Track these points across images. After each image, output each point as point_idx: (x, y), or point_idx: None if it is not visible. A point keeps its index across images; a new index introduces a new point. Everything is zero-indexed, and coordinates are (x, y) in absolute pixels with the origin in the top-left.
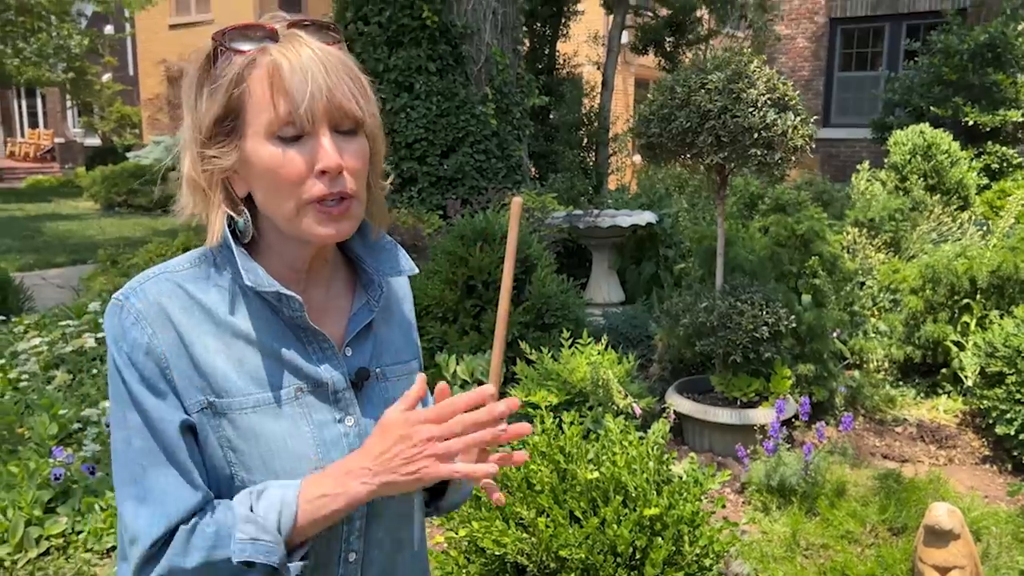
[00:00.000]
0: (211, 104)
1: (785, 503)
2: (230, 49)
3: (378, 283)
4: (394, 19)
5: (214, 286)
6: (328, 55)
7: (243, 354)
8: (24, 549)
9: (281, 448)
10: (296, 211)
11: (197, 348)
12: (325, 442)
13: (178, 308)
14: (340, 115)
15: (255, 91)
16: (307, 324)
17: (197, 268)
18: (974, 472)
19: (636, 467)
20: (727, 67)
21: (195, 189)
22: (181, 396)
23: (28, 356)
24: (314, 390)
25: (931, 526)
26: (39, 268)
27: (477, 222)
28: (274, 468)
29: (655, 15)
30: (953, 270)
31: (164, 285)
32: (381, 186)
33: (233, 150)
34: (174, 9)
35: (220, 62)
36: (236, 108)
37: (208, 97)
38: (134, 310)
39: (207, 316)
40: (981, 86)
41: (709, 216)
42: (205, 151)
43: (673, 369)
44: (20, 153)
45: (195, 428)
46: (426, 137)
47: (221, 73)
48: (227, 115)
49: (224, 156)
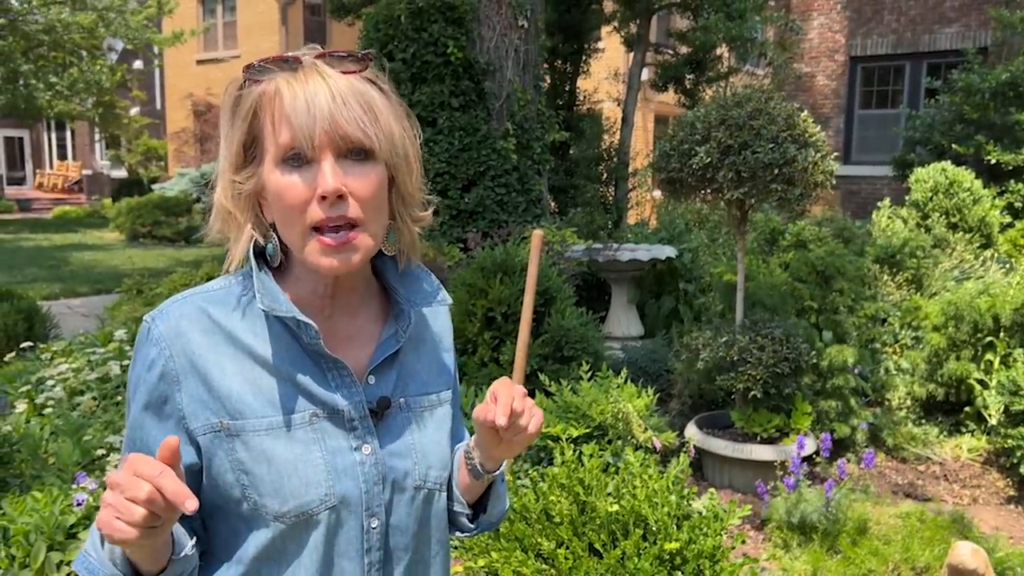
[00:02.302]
0: (235, 132)
1: (806, 540)
2: (253, 80)
3: (407, 313)
4: (418, 55)
5: (238, 309)
6: (340, 83)
7: (259, 377)
8: (45, 574)
9: (291, 472)
10: (301, 238)
11: (214, 371)
12: (337, 469)
13: (198, 331)
14: (345, 142)
15: (265, 120)
16: (324, 351)
17: (227, 291)
18: (999, 512)
19: (657, 500)
20: (747, 103)
21: (224, 214)
22: (187, 419)
23: (54, 382)
24: (330, 416)
25: (955, 566)
26: (65, 297)
27: (497, 254)
28: (284, 493)
29: (675, 53)
30: (976, 307)
31: (187, 308)
32: (414, 216)
33: (255, 176)
34: (202, 45)
35: (244, 92)
36: (255, 135)
37: (234, 126)
38: (156, 331)
39: (227, 339)
40: (1003, 125)
41: (729, 251)
42: (234, 177)
43: (693, 404)
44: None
45: (199, 466)
46: (448, 171)
47: (244, 103)
48: (249, 142)
49: (247, 181)
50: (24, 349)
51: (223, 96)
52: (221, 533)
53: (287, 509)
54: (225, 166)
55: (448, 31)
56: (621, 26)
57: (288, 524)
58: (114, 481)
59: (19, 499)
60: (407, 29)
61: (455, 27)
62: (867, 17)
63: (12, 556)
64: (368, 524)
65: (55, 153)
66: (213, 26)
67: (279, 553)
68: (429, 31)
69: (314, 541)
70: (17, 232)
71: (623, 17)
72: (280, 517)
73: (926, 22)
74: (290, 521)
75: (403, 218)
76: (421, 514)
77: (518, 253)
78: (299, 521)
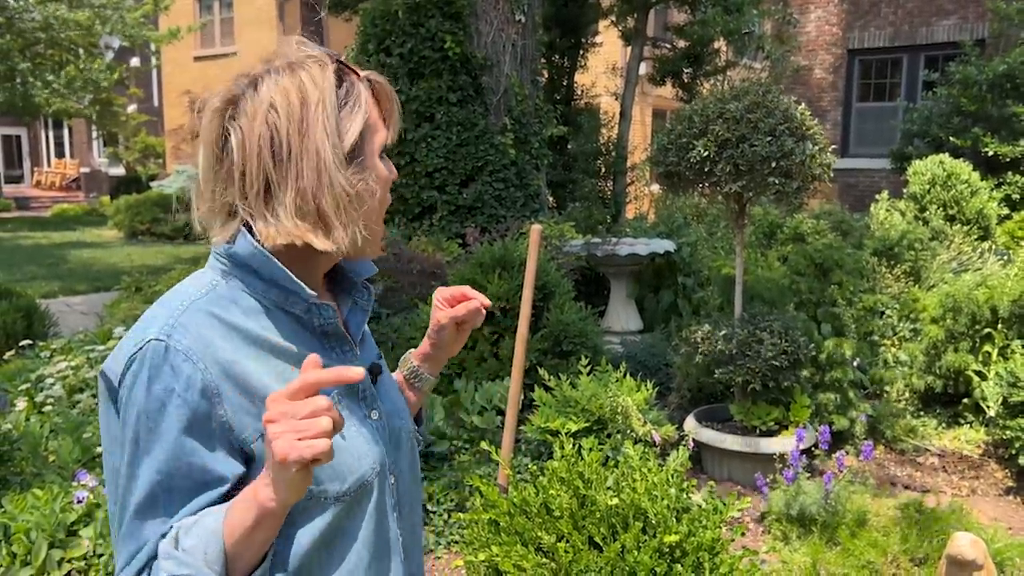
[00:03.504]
0: (353, 120)
1: (805, 532)
2: (349, 71)
3: (361, 284)
4: (416, 51)
5: (235, 306)
6: None
7: (284, 369)
8: (46, 571)
9: (343, 451)
10: (379, 225)
11: (244, 373)
12: (369, 437)
13: (219, 337)
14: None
15: (380, 112)
16: (338, 330)
17: (213, 291)
18: (997, 503)
19: (656, 494)
20: (745, 96)
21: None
22: (235, 431)
23: (54, 380)
24: (348, 391)
25: (954, 556)
26: (64, 295)
27: (496, 250)
28: (342, 472)
29: (673, 47)
30: (974, 299)
31: (199, 316)
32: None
33: (367, 168)
34: (199, 42)
35: (344, 81)
36: (364, 129)
37: (353, 114)
38: (183, 346)
39: (245, 338)
40: (1000, 117)
41: (727, 245)
42: (345, 171)
43: (692, 398)
44: (46, 182)
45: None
46: (446, 166)
47: (355, 93)
48: (363, 133)
49: (367, 174)
50: (23, 347)
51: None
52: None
53: (347, 486)
54: (331, 161)
55: (445, 26)
56: (619, 20)
57: (347, 502)
58: (278, 412)
59: (20, 497)
60: (404, 24)
61: (452, 22)
62: (864, 10)
63: (13, 554)
64: (390, 481)
65: (53, 151)
66: (210, 22)
67: (333, 536)
68: (426, 26)
69: (368, 510)
70: (15, 230)
71: (621, 11)
72: (341, 497)
73: (923, 14)
74: (351, 497)
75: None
76: (411, 459)
77: (516, 248)
78: (358, 494)
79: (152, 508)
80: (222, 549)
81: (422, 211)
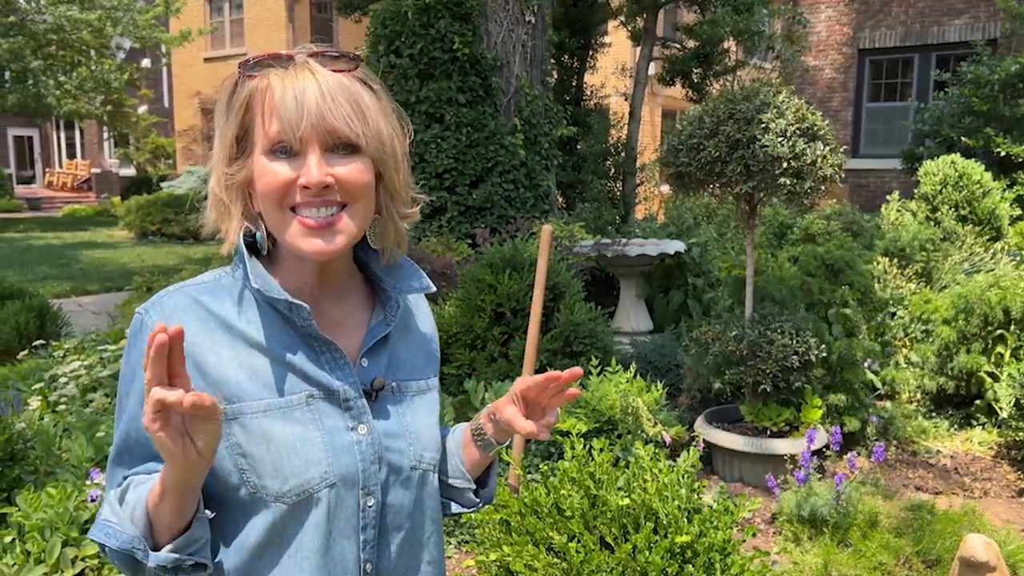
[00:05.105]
0: (229, 125)
1: (816, 534)
2: (246, 75)
3: (395, 300)
4: (426, 52)
5: (229, 297)
6: (330, 80)
7: (255, 361)
8: (60, 569)
9: (292, 452)
10: (283, 219)
11: (210, 359)
12: (335, 447)
13: (194, 319)
14: (332, 136)
15: (256, 113)
16: (317, 333)
17: (216, 282)
18: (1010, 505)
19: (667, 494)
20: (756, 97)
21: (217, 203)
22: None
23: (67, 380)
24: (326, 397)
25: (966, 558)
26: (75, 295)
27: (506, 250)
28: (284, 472)
29: (682, 47)
30: (986, 300)
31: (180, 299)
32: (401, 212)
33: (245, 168)
34: (210, 43)
35: (238, 87)
36: (247, 128)
37: (227, 119)
38: (151, 321)
39: (221, 326)
40: (1012, 117)
41: (738, 245)
42: (227, 168)
43: (702, 398)
44: (58, 183)
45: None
46: (456, 167)
47: (237, 97)
48: (241, 135)
49: (238, 172)
50: (36, 347)
51: (219, 91)
52: (218, 524)
53: (288, 488)
54: (219, 158)
55: (455, 27)
56: (628, 20)
57: (289, 504)
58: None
59: (34, 495)
60: (414, 25)
61: (462, 23)
62: (875, 9)
63: (27, 552)
64: (364, 503)
65: (64, 152)
66: (220, 24)
67: (279, 536)
68: (436, 27)
69: (314, 520)
70: (27, 231)
71: (630, 11)
72: (281, 497)
73: (934, 14)
74: (291, 501)
75: (390, 213)
76: (416, 495)
77: (527, 248)
78: (300, 500)
79: (118, 459)
80: (145, 511)
81: (432, 212)
